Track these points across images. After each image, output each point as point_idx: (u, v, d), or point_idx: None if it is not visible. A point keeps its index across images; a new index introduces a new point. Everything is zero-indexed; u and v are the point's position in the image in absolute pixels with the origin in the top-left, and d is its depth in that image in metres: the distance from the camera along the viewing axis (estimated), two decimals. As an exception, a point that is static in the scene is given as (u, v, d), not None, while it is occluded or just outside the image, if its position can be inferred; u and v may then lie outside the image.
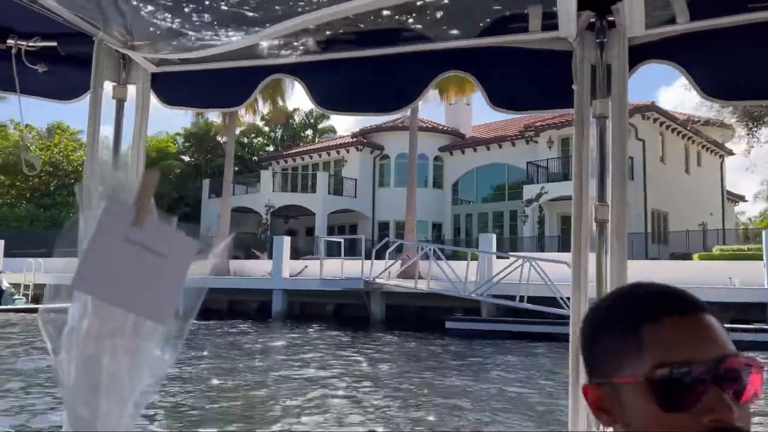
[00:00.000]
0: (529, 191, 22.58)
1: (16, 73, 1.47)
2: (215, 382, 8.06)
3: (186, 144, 33.94)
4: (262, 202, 26.44)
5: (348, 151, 28.10)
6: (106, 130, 1.47)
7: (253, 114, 26.00)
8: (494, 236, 17.39)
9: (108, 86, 1.48)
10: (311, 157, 29.76)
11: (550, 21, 1.20)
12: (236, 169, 27.15)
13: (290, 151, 31.75)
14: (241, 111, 24.25)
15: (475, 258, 14.97)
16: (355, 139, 28.30)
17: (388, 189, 27.03)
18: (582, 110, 1.22)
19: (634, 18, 1.17)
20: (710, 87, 1.21)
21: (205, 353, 10.25)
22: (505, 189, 25.57)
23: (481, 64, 1.30)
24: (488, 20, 1.23)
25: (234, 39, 1.30)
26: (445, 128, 27.82)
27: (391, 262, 16.11)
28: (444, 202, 26.97)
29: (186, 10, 1.29)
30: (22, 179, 29.78)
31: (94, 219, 0.67)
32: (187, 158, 33.68)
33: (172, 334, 0.71)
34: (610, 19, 1.19)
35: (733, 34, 1.15)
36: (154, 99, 1.52)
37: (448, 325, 13.53)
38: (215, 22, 1.30)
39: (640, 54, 1.22)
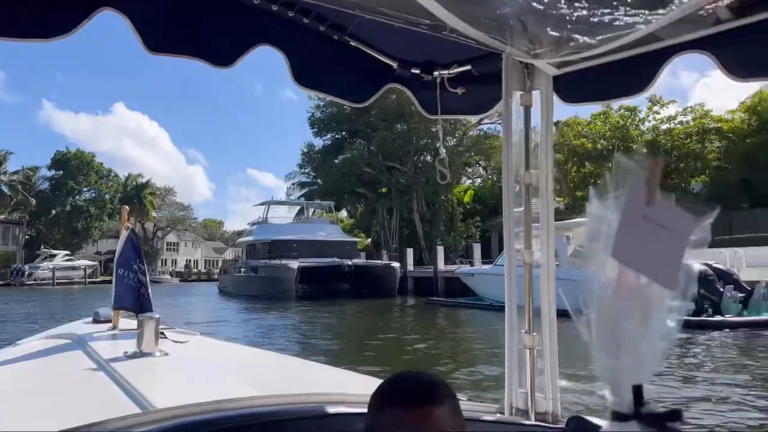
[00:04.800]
0: None
1: (440, 99, 2.22)
2: None
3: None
4: None
5: None
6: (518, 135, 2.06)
7: None
8: None
9: (516, 95, 2.06)
10: None
11: None
12: None
13: None
14: None
15: None
16: None
17: None
18: None
19: None
20: None
21: None
22: None
23: None
24: None
25: (636, 28, 1.65)
26: None
27: None
28: None
29: (587, 9, 1.71)
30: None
31: (618, 199, 0.99)
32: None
33: (675, 306, 0.97)
34: None
35: None
36: (556, 100, 2.03)
37: None
38: (620, 14, 1.68)
39: None
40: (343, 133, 52.62)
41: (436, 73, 2.20)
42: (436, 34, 1.98)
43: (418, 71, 2.20)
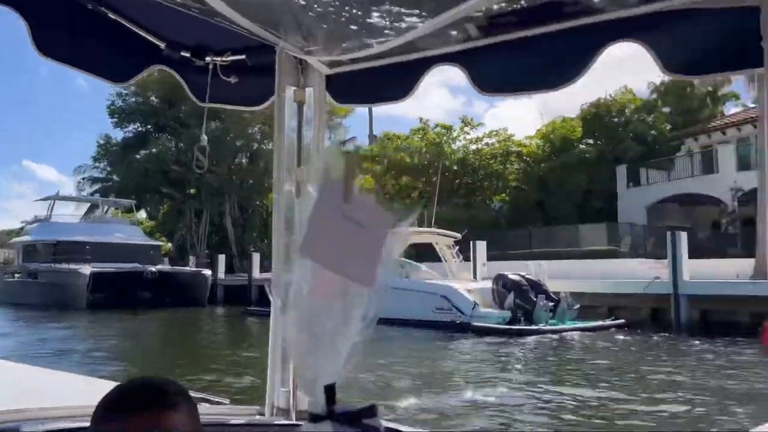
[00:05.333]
0: None
1: (210, 86, 2.18)
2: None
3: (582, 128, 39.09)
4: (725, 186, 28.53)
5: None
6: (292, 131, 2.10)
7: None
8: None
9: (289, 90, 2.09)
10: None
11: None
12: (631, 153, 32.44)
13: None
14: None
15: None
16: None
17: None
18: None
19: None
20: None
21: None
22: None
23: (654, 30, 1.56)
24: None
25: (398, 36, 1.77)
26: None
27: None
28: None
29: (355, 12, 1.80)
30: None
31: (312, 198, 1.06)
32: (583, 145, 38.99)
33: (371, 303, 1.02)
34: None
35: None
36: (329, 98, 2.10)
37: None
38: (383, 20, 1.79)
39: None
40: (149, 126, 49.54)
41: (208, 59, 2.16)
42: (208, 18, 1.94)
43: (188, 55, 2.14)
